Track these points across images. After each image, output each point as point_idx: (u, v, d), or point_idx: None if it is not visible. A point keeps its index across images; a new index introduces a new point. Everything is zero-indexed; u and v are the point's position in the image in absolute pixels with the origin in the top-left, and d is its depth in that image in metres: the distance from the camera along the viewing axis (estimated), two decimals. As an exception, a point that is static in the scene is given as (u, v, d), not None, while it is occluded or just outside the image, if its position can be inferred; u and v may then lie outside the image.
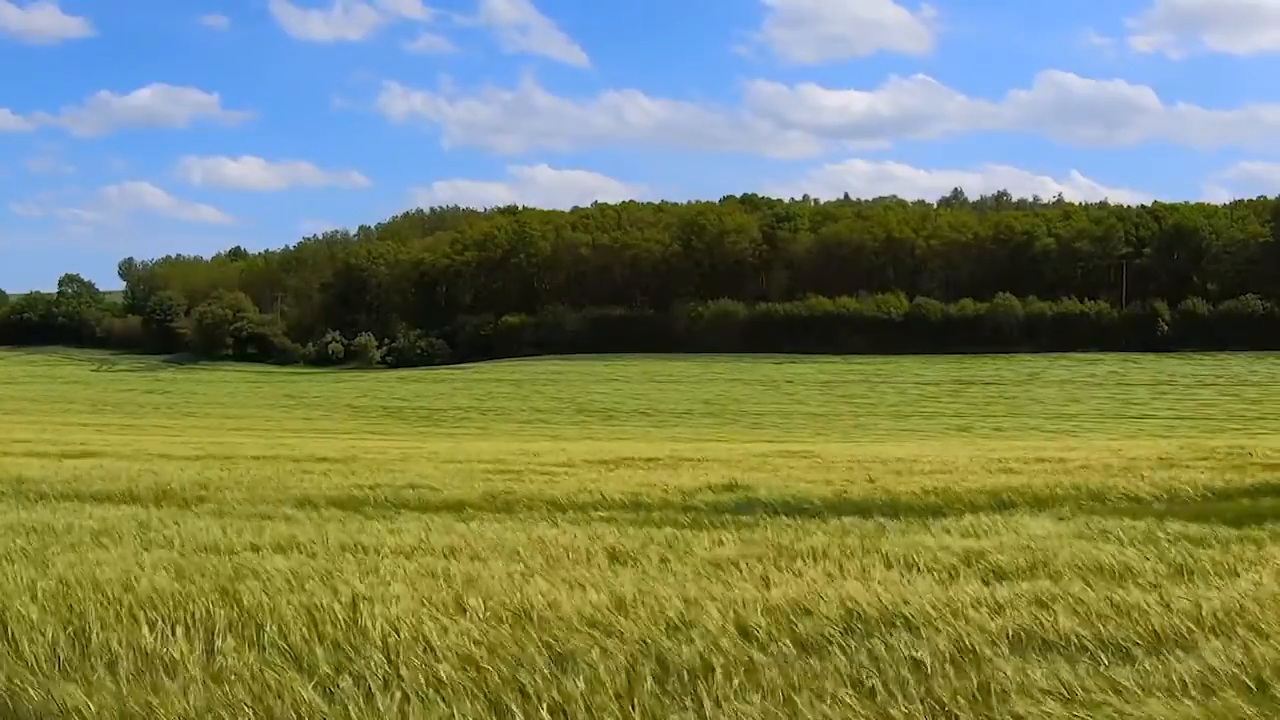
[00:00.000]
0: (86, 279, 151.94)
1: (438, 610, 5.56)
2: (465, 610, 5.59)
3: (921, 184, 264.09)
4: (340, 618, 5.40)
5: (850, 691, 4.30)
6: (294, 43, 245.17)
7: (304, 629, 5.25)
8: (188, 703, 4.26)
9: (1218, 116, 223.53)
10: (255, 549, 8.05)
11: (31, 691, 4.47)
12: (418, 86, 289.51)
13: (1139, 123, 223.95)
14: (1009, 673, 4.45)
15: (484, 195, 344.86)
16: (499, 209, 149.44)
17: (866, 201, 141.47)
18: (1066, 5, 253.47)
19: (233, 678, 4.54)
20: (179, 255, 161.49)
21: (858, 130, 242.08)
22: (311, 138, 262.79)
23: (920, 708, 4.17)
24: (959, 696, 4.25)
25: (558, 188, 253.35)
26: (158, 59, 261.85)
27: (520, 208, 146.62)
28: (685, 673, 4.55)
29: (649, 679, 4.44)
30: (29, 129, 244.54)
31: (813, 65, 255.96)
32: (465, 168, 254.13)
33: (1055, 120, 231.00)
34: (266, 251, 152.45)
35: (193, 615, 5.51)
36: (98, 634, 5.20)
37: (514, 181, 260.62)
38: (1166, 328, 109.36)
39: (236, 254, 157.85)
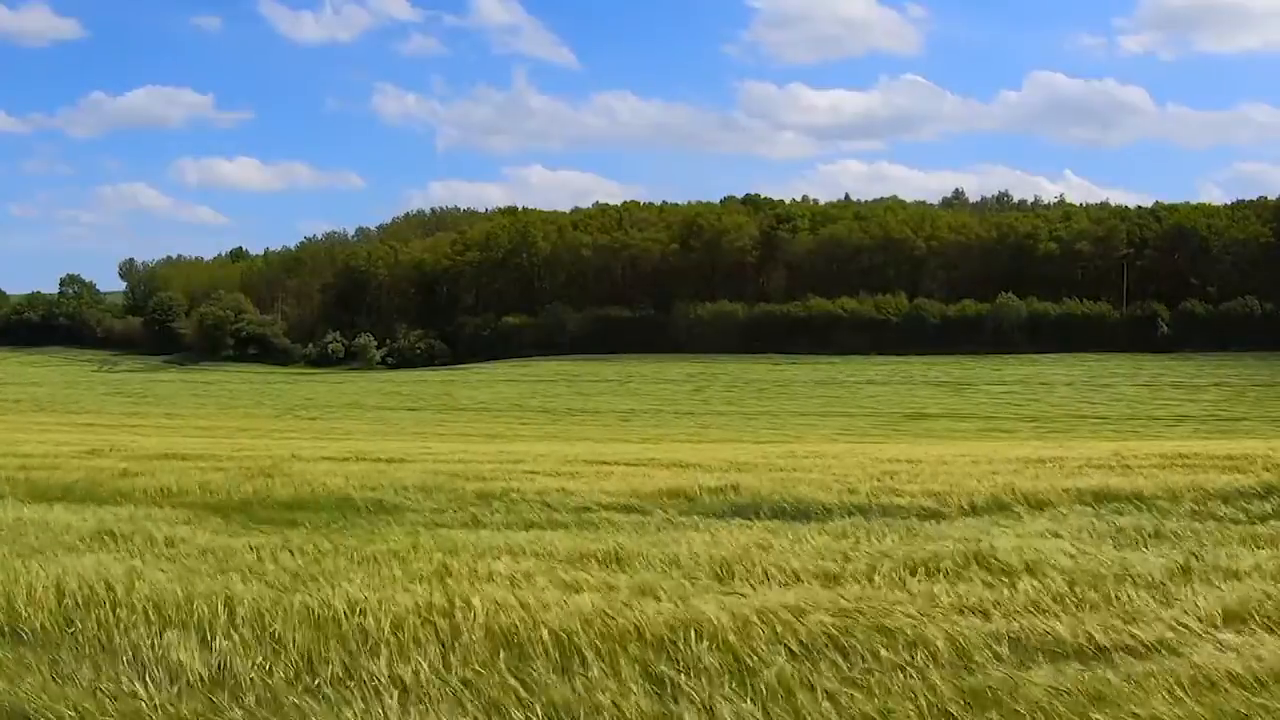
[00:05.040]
0: (87, 279, 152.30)
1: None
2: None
3: (916, 184, 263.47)
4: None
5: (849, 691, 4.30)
6: (286, 43, 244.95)
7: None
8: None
9: (1210, 117, 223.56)
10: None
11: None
12: (410, 88, 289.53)
13: (1132, 123, 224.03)
14: (1007, 673, 4.45)
15: (479, 196, 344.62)
16: (500, 209, 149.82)
17: (866, 202, 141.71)
18: (1056, 5, 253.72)
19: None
20: (179, 256, 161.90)
21: (851, 131, 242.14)
22: (306, 139, 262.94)
23: (918, 706, 4.17)
24: (957, 697, 4.25)
25: (552, 188, 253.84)
26: (151, 60, 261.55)
27: (521, 208, 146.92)
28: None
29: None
30: (24, 130, 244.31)
31: (804, 66, 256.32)
32: (460, 168, 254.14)
33: (1048, 121, 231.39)
34: (267, 252, 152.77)
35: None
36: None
37: (508, 182, 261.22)
38: (1167, 328, 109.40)
39: (237, 255, 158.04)
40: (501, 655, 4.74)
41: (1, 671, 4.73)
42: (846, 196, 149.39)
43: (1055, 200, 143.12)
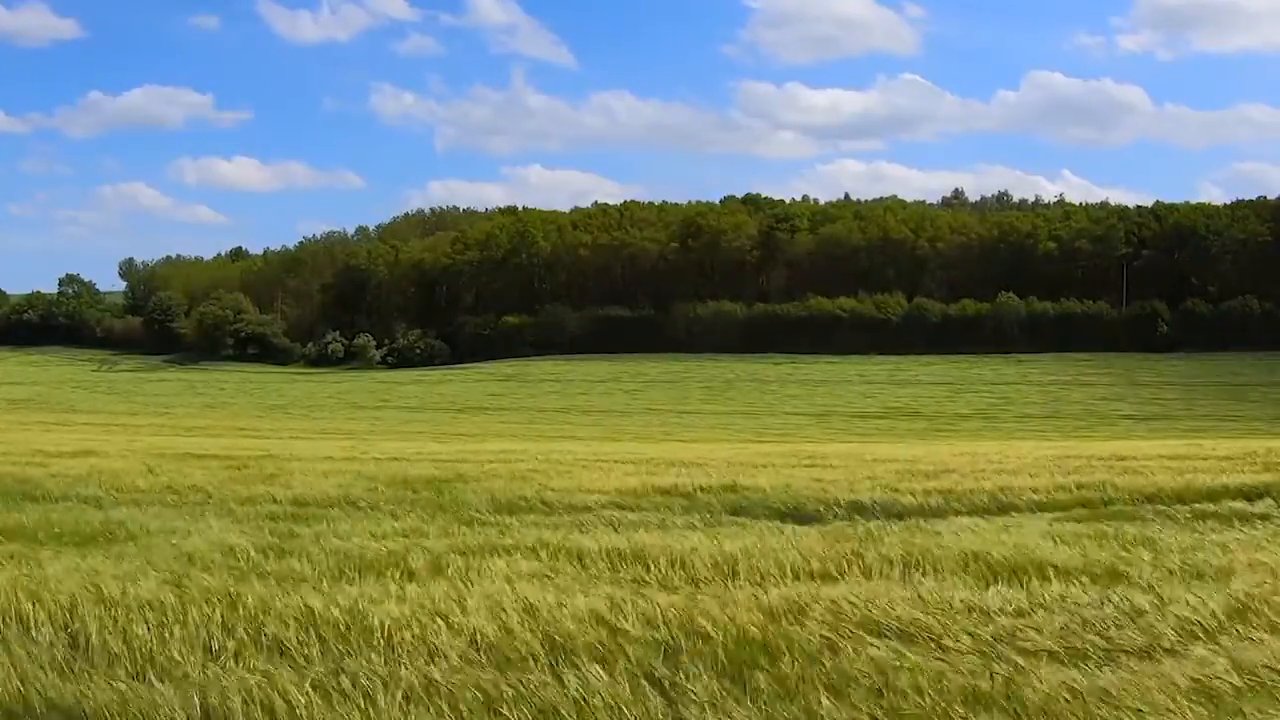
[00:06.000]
0: (87, 279, 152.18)
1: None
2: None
3: (914, 184, 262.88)
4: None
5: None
6: (284, 43, 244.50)
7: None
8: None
9: (1208, 117, 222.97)
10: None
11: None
12: (408, 87, 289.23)
13: (1130, 123, 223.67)
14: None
15: (478, 196, 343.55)
16: (499, 209, 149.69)
17: (866, 202, 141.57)
18: (1054, 5, 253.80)
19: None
20: (179, 256, 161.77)
21: (850, 131, 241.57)
22: (305, 139, 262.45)
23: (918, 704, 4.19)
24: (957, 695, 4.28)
25: (550, 188, 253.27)
26: (150, 60, 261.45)
27: (520, 208, 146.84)
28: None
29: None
30: (23, 130, 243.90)
31: (802, 66, 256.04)
32: (458, 168, 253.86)
33: (1047, 120, 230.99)
34: (266, 252, 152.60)
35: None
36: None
37: (507, 182, 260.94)
38: (1166, 328, 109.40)
39: (237, 254, 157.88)
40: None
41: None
42: (846, 196, 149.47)
43: (1054, 200, 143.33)
